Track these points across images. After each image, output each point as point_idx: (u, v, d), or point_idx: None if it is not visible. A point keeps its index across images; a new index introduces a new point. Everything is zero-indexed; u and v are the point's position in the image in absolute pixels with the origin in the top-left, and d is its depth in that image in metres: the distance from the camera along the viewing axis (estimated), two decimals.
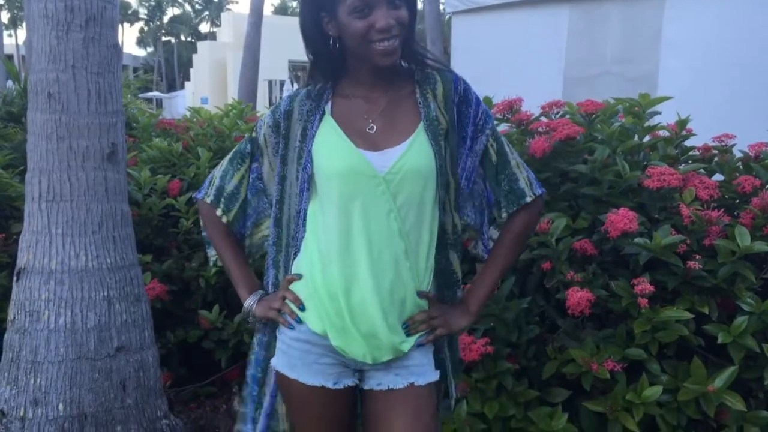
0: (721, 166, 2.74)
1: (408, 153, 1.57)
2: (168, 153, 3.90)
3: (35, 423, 2.41)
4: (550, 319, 2.65)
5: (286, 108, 1.65)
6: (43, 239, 2.49)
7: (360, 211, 1.55)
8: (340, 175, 1.56)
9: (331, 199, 1.57)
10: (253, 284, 1.76)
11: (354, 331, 1.57)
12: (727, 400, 2.28)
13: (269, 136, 1.69)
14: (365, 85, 1.62)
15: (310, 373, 1.61)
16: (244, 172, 1.73)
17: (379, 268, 1.56)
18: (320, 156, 1.59)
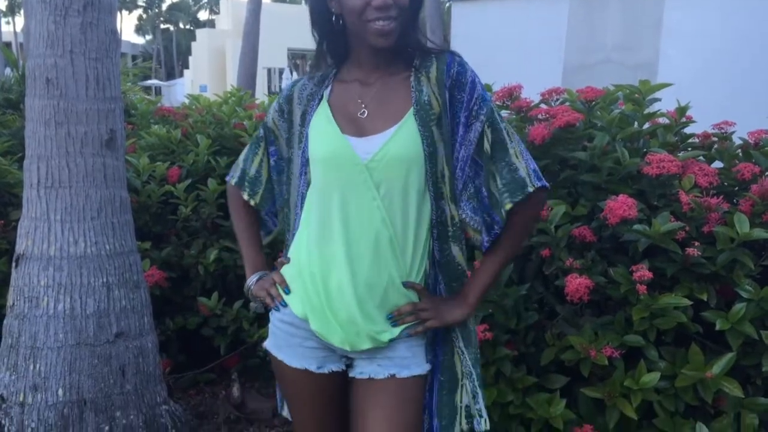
0: (720, 153, 2.73)
1: (393, 140, 1.53)
2: (167, 140, 3.89)
3: (35, 408, 2.41)
4: (548, 306, 2.65)
5: (287, 93, 1.70)
6: (42, 225, 2.49)
7: (339, 196, 1.55)
8: (323, 161, 1.57)
9: (317, 183, 1.61)
10: (258, 264, 1.82)
11: (331, 317, 1.57)
12: (724, 386, 2.29)
13: (278, 120, 1.73)
14: (364, 68, 1.61)
15: (295, 355, 1.64)
16: (262, 156, 1.79)
17: (356, 255, 1.54)
18: (311, 141, 1.61)
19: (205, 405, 3.42)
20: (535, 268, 2.64)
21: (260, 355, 3.44)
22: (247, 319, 3.39)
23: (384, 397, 1.57)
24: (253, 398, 3.34)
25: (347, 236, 1.55)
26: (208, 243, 3.59)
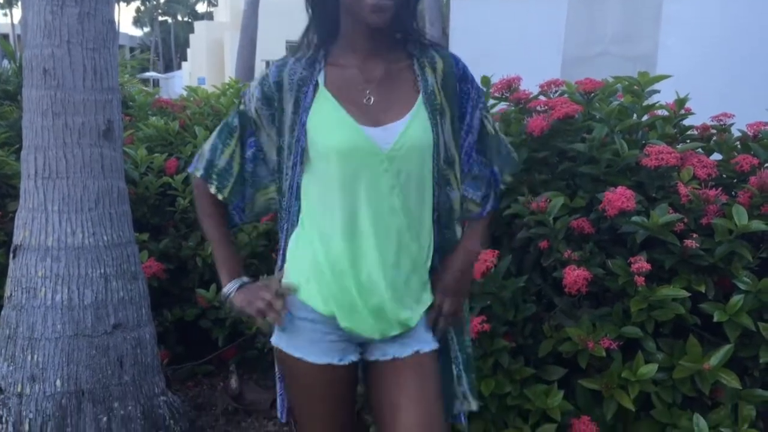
0: (719, 145, 2.73)
1: (410, 128, 1.54)
2: (164, 132, 3.88)
3: (33, 399, 2.41)
4: (546, 298, 2.65)
5: (275, 79, 1.56)
6: (39, 216, 2.48)
7: (365, 188, 1.53)
8: (340, 153, 1.52)
9: (331, 175, 1.53)
10: (234, 268, 1.70)
11: (362, 308, 1.56)
12: (722, 378, 2.29)
13: (260, 109, 1.60)
14: (360, 53, 1.56)
15: (317, 351, 1.58)
16: (234, 147, 1.65)
17: (383, 244, 1.55)
18: (317, 131, 1.54)
19: (203, 396, 3.43)
20: (533, 259, 2.64)
21: (258, 347, 3.44)
22: None
23: (411, 372, 1.61)
24: (251, 390, 3.34)
25: (375, 228, 1.54)
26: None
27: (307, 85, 1.54)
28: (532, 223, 2.54)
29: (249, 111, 1.62)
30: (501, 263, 2.52)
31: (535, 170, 2.74)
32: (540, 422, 2.42)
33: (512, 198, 2.66)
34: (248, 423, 3.16)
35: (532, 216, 2.52)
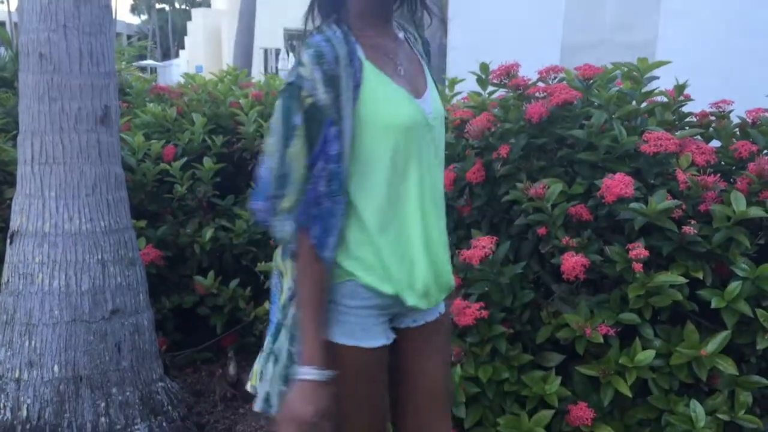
0: (718, 132, 2.72)
1: (437, 97, 1.57)
2: (162, 118, 3.86)
3: (30, 384, 2.41)
4: (544, 285, 2.65)
5: (333, 54, 1.38)
6: (36, 202, 2.48)
7: (418, 162, 1.50)
8: (404, 128, 1.45)
9: (382, 153, 1.45)
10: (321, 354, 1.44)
11: (431, 281, 1.55)
12: (719, 364, 2.30)
13: (331, 94, 1.39)
14: (374, 27, 1.49)
15: (372, 336, 1.51)
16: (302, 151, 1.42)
17: (438, 213, 1.57)
18: (377, 109, 1.43)
19: (202, 383, 3.43)
20: (531, 246, 2.64)
21: (256, 334, 3.44)
22: (243, 297, 3.40)
23: (439, 335, 1.65)
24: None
25: (432, 197, 1.54)
26: (204, 222, 3.58)
27: (354, 60, 1.41)
28: (530, 209, 2.53)
29: (324, 101, 1.38)
30: (499, 250, 2.52)
31: (534, 157, 2.73)
32: (537, 408, 2.43)
33: (511, 184, 2.65)
34: (246, 409, 3.16)
35: (531, 202, 2.52)
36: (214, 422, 3.03)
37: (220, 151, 3.68)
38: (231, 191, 3.71)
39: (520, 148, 2.67)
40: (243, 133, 3.69)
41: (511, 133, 2.75)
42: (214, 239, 3.45)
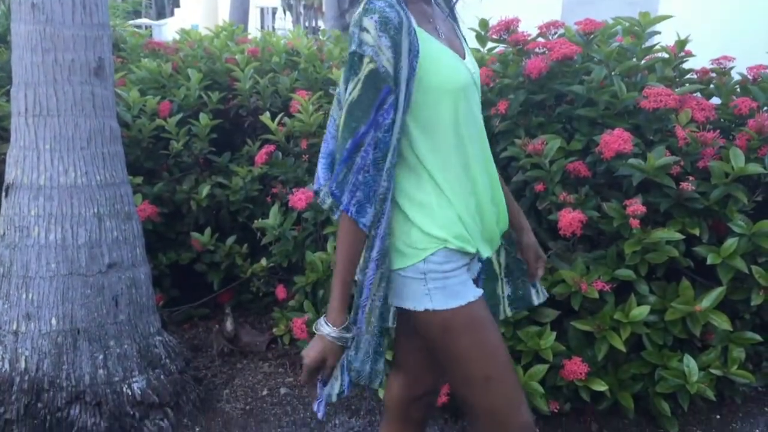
0: (718, 88, 2.70)
1: (471, 55, 1.58)
2: (157, 74, 3.81)
3: (28, 337, 2.42)
4: (541, 242, 2.65)
5: (397, 20, 1.34)
6: (31, 155, 2.45)
7: (472, 122, 1.52)
8: (461, 90, 1.47)
9: (446, 118, 1.45)
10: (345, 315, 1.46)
11: (496, 233, 1.61)
12: (713, 319, 2.32)
13: (391, 61, 1.35)
14: None
15: (470, 287, 1.51)
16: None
17: (493, 168, 1.60)
18: (436, 74, 1.42)
19: (199, 339, 3.45)
20: (528, 203, 2.64)
21: (253, 291, 3.45)
22: (240, 254, 3.39)
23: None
24: (247, 332, 3.37)
25: (483, 154, 1.57)
26: (200, 179, 3.56)
27: (411, 27, 1.38)
28: (528, 165, 2.52)
29: (382, 67, 1.35)
30: None
31: (532, 113, 2.71)
32: (532, 363, 2.45)
33: (509, 140, 2.64)
34: (244, 364, 3.19)
35: (528, 159, 2.51)
36: (211, 376, 3.05)
37: (216, 107, 3.64)
38: (227, 148, 3.68)
39: (518, 103, 2.65)
40: (239, 90, 3.65)
41: (509, 89, 2.73)
42: (211, 196, 3.44)
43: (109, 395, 2.45)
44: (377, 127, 1.36)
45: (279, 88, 3.69)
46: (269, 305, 3.52)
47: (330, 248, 2.89)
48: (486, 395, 1.48)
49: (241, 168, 3.42)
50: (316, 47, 4.10)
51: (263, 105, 3.62)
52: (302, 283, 2.98)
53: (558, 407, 2.47)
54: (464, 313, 1.47)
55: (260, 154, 3.31)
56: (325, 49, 4.13)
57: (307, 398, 2.86)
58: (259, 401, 2.86)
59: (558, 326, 2.51)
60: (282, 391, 2.93)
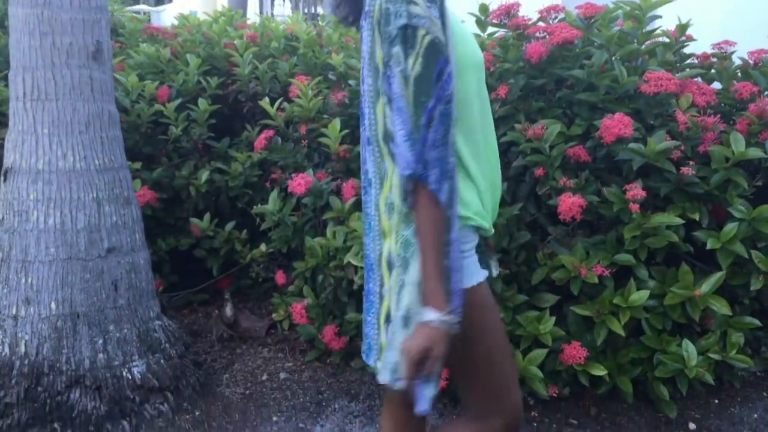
0: (719, 73, 2.69)
1: None
2: (156, 59, 3.79)
3: (28, 321, 2.42)
4: (540, 227, 2.65)
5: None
6: (30, 139, 2.44)
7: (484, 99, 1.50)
8: (481, 65, 1.47)
9: (472, 95, 1.43)
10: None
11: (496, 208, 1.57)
12: (712, 304, 2.32)
13: (442, 30, 1.34)
14: None
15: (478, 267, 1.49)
16: None
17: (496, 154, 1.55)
18: (463, 48, 1.41)
19: (199, 324, 3.46)
20: (528, 189, 2.63)
21: (252, 276, 3.46)
22: (239, 240, 3.39)
23: None
24: (246, 318, 3.37)
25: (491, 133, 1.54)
26: (200, 164, 3.56)
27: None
28: (528, 150, 2.51)
29: (437, 39, 1.32)
30: None
31: (532, 97, 2.70)
32: (531, 347, 2.45)
33: (509, 125, 2.63)
34: (243, 350, 3.19)
35: (528, 143, 2.50)
36: (211, 361, 3.06)
37: (215, 92, 3.63)
38: (226, 134, 3.67)
39: (518, 88, 2.64)
40: (238, 75, 3.63)
41: (509, 74, 2.72)
42: (210, 182, 3.43)
43: (109, 379, 2.46)
44: (441, 100, 1.31)
45: (278, 74, 3.68)
46: (268, 291, 3.52)
47: (330, 233, 2.89)
48: (486, 375, 1.48)
49: (241, 153, 3.41)
50: (316, 32, 4.08)
51: (262, 90, 3.60)
52: (302, 268, 2.98)
53: (557, 392, 2.48)
54: (476, 292, 1.45)
55: (259, 139, 3.30)
56: (324, 35, 4.11)
57: (307, 383, 2.87)
58: (258, 386, 2.87)
59: (557, 311, 2.52)
60: (281, 376, 2.94)
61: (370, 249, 1.51)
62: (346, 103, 3.23)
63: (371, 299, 1.52)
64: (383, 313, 1.46)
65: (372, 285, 1.51)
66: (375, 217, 1.47)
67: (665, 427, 2.50)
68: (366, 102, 1.43)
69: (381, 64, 1.35)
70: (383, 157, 1.42)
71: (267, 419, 2.63)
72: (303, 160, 3.26)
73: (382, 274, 1.46)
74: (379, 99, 1.38)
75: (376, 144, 1.43)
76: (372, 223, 1.48)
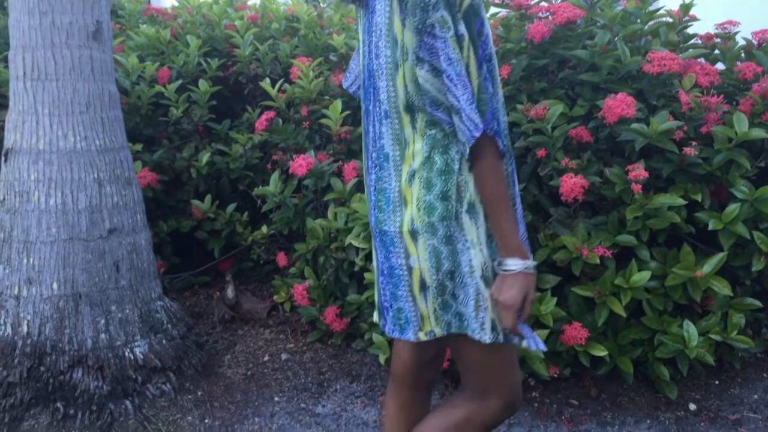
0: (723, 53, 2.67)
1: None
2: (156, 40, 3.77)
3: (30, 301, 2.43)
4: (542, 209, 2.65)
5: None
6: (30, 119, 2.44)
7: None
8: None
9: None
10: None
11: None
12: (714, 285, 2.32)
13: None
14: None
15: None
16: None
17: None
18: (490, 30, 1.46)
19: (200, 306, 3.46)
20: (529, 170, 2.63)
21: (253, 258, 3.46)
22: (241, 222, 3.39)
23: None
24: (248, 300, 3.38)
25: None
26: (200, 146, 3.55)
27: None
28: (530, 131, 2.50)
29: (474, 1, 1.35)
30: None
31: (535, 78, 2.69)
32: (532, 328, 2.45)
33: (510, 106, 2.62)
34: (245, 331, 3.20)
35: (531, 124, 2.49)
36: (213, 343, 3.06)
37: (215, 74, 3.62)
38: (227, 116, 3.66)
39: (521, 69, 2.62)
40: (239, 56, 3.62)
41: (512, 54, 2.70)
42: (211, 164, 3.43)
43: (111, 359, 2.46)
44: (483, 59, 1.35)
45: (279, 55, 3.66)
46: (270, 273, 3.53)
47: (331, 215, 2.88)
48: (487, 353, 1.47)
49: (241, 135, 3.41)
50: (316, 13, 4.06)
51: (263, 72, 3.59)
52: (303, 250, 2.98)
53: (557, 372, 2.49)
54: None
55: (260, 120, 3.29)
56: (325, 16, 4.09)
57: (308, 364, 2.88)
58: (260, 367, 2.88)
59: (559, 292, 2.52)
60: (283, 357, 2.95)
61: (387, 225, 1.49)
62: None
63: (397, 273, 1.49)
64: (416, 283, 1.45)
65: (394, 260, 1.48)
66: (395, 190, 1.46)
67: (665, 408, 2.51)
68: (383, 75, 1.42)
69: (400, 34, 1.35)
70: (403, 128, 1.42)
71: (269, 399, 2.64)
72: (304, 142, 3.25)
73: (406, 245, 1.45)
74: (398, 70, 1.38)
75: (396, 116, 1.42)
76: (390, 196, 1.47)
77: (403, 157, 1.44)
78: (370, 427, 2.46)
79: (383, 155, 1.47)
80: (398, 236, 1.46)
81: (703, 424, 2.42)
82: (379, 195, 1.49)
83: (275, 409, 2.57)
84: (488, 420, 1.51)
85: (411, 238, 1.43)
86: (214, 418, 2.51)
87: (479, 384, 1.52)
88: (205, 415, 2.53)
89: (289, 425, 2.48)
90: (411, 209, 1.42)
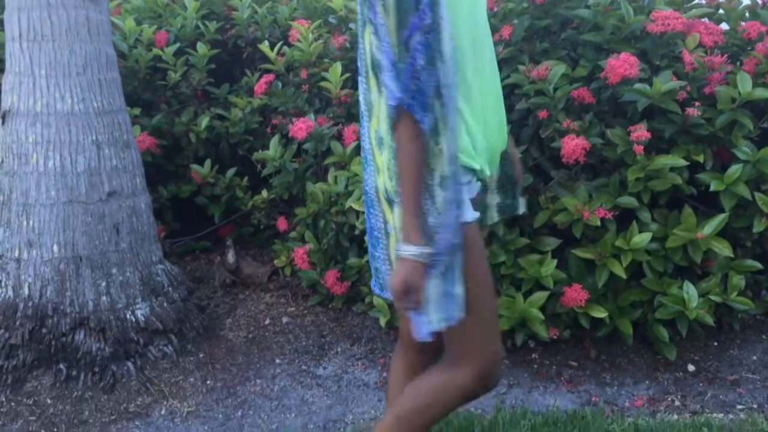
0: (727, 12, 2.64)
1: None
2: (153, 3, 3.73)
3: (30, 264, 2.43)
4: (543, 171, 2.64)
5: None
6: (27, 80, 2.41)
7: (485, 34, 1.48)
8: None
9: (461, 13, 1.39)
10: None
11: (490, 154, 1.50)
12: (715, 246, 2.32)
13: None
14: None
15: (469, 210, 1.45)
16: None
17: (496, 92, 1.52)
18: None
19: (201, 271, 3.47)
20: (531, 132, 2.61)
21: (254, 223, 3.46)
22: (241, 187, 3.38)
23: None
24: (248, 264, 3.38)
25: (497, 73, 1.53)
26: (199, 111, 3.52)
27: None
28: (531, 92, 2.48)
29: None
30: None
31: (537, 39, 2.66)
32: (532, 290, 2.46)
33: (512, 67, 2.59)
34: (246, 295, 3.21)
35: (532, 85, 2.47)
36: (214, 306, 3.08)
37: (213, 37, 3.57)
38: (226, 79, 3.63)
39: (522, 29, 2.59)
40: (237, 19, 3.57)
41: (513, 14, 2.67)
42: (210, 128, 3.40)
43: (113, 321, 2.47)
44: (419, 29, 1.28)
45: (278, 18, 3.62)
46: (270, 238, 3.53)
47: (331, 179, 2.87)
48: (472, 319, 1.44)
49: (241, 99, 3.38)
50: None
51: (261, 35, 3.55)
52: (303, 214, 2.97)
53: (557, 334, 2.50)
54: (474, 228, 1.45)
55: (259, 83, 3.26)
56: None
57: (309, 327, 2.89)
58: (261, 330, 2.89)
59: (559, 254, 2.52)
60: (284, 320, 2.96)
61: (369, 185, 1.49)
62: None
63: (375, 235, 1.50)
64: (392, 248, 1.44)
65: (374, 221, 1.49)
66: (369, 152, 1.45)
67: (664, 369, 2.52)
68: (359, 34, 1.40)
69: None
70: (370, 89, 1.39)
71: (270, 362, 2.65)
72: (304, 105, 3.23)
73: (383, 211, 1.44)
74: (366, 27, 1.35)
75: (365, 74, 1.40)
76: (368, 157, 1.46)
77: (370, 119, 1.41)
78: (370, 389, 2.48)
79: (362, 114, 1.45)
80: (376, 199, 1.45)
81: (702, 384, 2.44)
82: (363, 152, 1.48)
83: (276, 371, 2.59)
84: (460, 388, 1.49)
85: (388, 205, 1.41)
86: (216, 380, 2.53)
87: (453, 352, 1.52)
88: (207, 376, 2.55)
89: (291, 386, 2.50)
90: (383, 177, 1.40)
